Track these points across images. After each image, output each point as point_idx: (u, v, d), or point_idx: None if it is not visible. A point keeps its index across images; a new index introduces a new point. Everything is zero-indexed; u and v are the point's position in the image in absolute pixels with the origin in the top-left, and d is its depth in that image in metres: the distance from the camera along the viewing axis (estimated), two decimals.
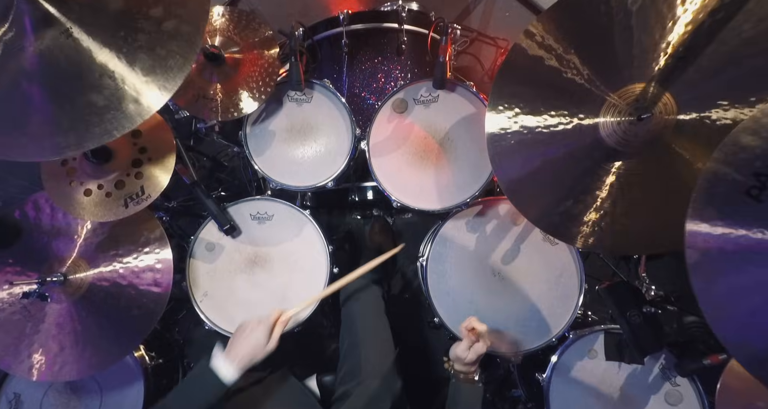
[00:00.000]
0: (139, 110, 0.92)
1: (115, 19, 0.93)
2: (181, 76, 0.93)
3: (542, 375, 1.29)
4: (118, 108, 0.92)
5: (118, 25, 0.93)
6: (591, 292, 1.32)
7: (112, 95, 0.92)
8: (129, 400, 1.37)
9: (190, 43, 0.94)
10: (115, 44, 0.92)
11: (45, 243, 1.26)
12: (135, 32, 0.93)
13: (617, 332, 1.26)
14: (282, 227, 1.37)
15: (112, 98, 0.92)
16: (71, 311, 1.21)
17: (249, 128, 1.39)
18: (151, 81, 0.93)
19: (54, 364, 1.19)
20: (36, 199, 1.28)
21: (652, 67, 0.96)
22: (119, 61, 0.92)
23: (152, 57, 0.93)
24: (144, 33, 0.94)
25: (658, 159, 0.99)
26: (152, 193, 1.18)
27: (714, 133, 0.93)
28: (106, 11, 0.93)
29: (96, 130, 0.92)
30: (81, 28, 0.92)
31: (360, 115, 1.50)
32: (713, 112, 0.94)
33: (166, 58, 0.93)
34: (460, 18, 2.11)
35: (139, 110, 0.92)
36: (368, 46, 1.54)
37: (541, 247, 1.31)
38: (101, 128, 0.92)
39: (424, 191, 1.32)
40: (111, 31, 0.93)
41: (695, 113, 0.95)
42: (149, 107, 0.92)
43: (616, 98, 1.00)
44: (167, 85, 0.93)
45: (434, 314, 1.33)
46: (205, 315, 1.32)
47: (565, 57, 1.00)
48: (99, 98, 0.92)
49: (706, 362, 1.13)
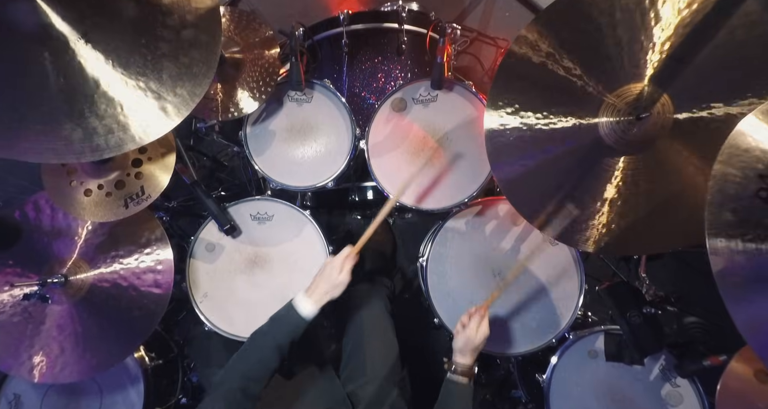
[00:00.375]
0: (171, 115, 0.96)
1: (133, 26, 0.95)
2: (206, 84, 0.97)
3: (542, 376, 1.29)
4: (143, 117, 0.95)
5: (137, 32, 0.95)
6: (591, 292, 1.32)
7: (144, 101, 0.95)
8: (129, 401, 1.37)
9: (210, 52, 0.98)
10: (138, 52, 0.95)
11: (45, 244, 1.26)
12: (156, 40, 0.96)
13: (617, 333, 1.26)
14: (282, 227, 1.37)
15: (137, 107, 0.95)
16: (72, 312, 1.21)
17: (249, 128, 1.39)
18: (180, 87, 0.96)
19: (55, 365, 1.19)
20: (36, 200, 1.28)
21: (644, 67, 0.97)
22: (145, 68, 0.95)
23: (177, 65, 0.96)
24: (165, 41, 0.96)
25: (658, 158, 1.00)
26: (152, 194, 1.18)
27: (712, 132, 0.93)
28: (121, 19, 0.95)
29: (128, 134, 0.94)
30: (97, 34, 0.92)
31: (360, 115, 1.50)
32: (710, 111, 0.94)
33: (191, 66, 0.96)
34: (460, 18, 2.10)
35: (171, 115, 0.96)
36: (368, 46, 1.54)
37: (541, 247, 1.31)
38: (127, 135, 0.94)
39: (422, 191, 1.32)
40: (131, 37, 0.95)
41: (692, 112, 0.96)
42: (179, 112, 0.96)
43: (613, 98, 1.00)
44: (196, 91, 0.96)
45: (434, 314, 1.33)
46: (205, 316, 1.32)
47: (560, 60, 1.01)
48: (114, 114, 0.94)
49: (706, 363, 1.13)
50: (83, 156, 0.92)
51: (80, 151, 0.92)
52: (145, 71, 0.95)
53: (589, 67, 1.00)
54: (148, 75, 0.95)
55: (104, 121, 0.93)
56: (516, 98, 1.05)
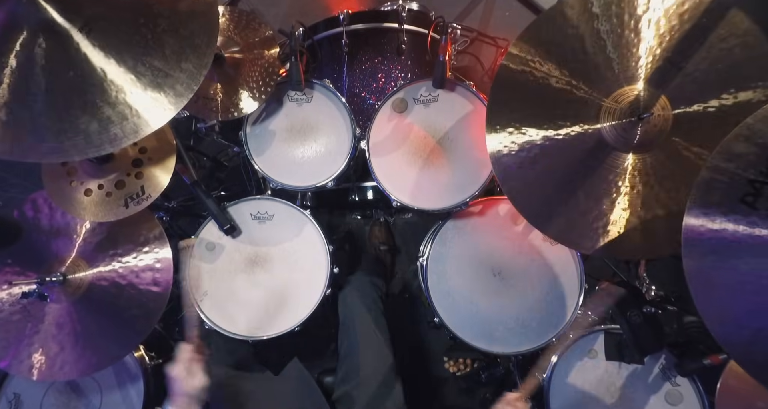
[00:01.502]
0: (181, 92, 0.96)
1: (130, 8, 0.95)
2: (210, 54, 0.97)
3: (542, 375, 1.29)
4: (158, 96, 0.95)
5: (135, 12, 0.95)
6: (591, 292, 1.32)
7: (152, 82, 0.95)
8: (129, 400, 1.37)
9: (208, 20, 0.97)
10: (138, 33, 0.95)
11: (44, 243, 1.26)
12: (154, 17, 0.95)
13: (617, 332, 1.25)
14: (282, 226, 1.37)
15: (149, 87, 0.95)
16: (71, 310, 1.21)
17: (249, 128, 1.39)
18: (185, 61, 0.96)
19: (54, 364, 1.19)
20: (34, 199, 1.28)
21: (635, 71, 0.99)
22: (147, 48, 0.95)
23: (178, 39, 0.96)
24: (163, 17, 0.96)
25: (662, 156, 1.00)
26: (152, 193, 1.18)
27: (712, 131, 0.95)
28: (118, 3, 0.95)
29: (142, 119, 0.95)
30: (97, 23, 0.93)
31: (360, 115, 1.50)
32: (709, 109, 0.96)
33: (192, 38, 0.96)
34: (460, 18, 2.11)
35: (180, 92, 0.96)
36: (368, 46, 1.54)
37: (541, 247, 1.31)
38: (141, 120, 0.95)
39: (423, 191, 1.32)
40: (129, 19, 0.95)
41: (689, 107, 0.98)
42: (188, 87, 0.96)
43: (611, 102, 1.01)
44: (202, 63, 0.96)
45: (434, 314, 1.33)
46: (205, 315, 1.32)
47: (552, 71, 1.03)
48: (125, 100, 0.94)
49: (706, 362, 1.13)
50: (103, 149, 0.93)
51: (99, 144, 0.93)
52: (149, 51, 0.95)
53: (581, 75, 1.02)
54: (151, 54, 0.95)
55: (117, 109, 0.93)
56: (515, 117, 1.06)
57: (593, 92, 1.02)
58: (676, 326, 1.51)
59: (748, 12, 0.91)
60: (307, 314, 1.30)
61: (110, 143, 0.93)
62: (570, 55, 1.01)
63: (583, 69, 1.01)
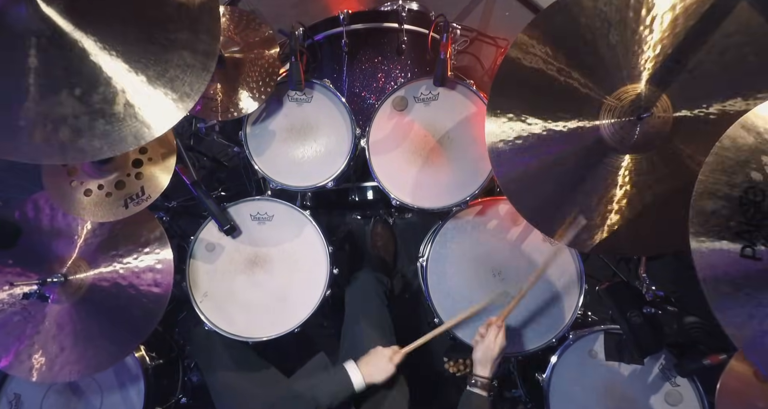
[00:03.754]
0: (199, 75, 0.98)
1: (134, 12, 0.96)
2: (216, 44, 0.98)
3: (542, 375, 1.29)
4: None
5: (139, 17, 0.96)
6: (591, 292, 1.32)
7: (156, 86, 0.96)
8: (129, 400, 1.37)
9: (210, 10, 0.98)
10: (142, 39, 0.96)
11: (45, 244, 1.26)
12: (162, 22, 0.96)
13: (617, 333, 1.26)
14: (282, 227, 1.37)
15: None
16: (71, 311, 1.21)
17: (249, 128, 1.39)
18: (197, 50, 0.97)
19: (54, 364, 1.19)
20: (36, 200, 1.28)
21: (639, 69, 0.98)
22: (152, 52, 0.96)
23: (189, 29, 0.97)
24: (171, 21, 0.96)
25: (660, 159, 1.00)
26: (152, 194, 1.18)
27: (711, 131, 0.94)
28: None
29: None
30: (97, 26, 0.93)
31: (360, 115, 1.50)
32: (708, 109, 0.96)
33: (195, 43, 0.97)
34: (460, 18, 2.10)
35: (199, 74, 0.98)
36: (368, 45, 1.54)
37: (541, 247, 1.31)
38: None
39: (423, 190, 1.32)
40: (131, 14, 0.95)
41: (690, 110, 0.97)
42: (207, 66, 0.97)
43: (613, 100, 1.00)
44: (210, 50, 0.97)
45: (434, 314, 1.33)
46: (205, 316, 1.32)
47: (557, 64, 1.02)
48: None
49: (705, 363, 1.13)
50: (103, 153, 0.94)
51: (101, 148, 0.94)
52: (153, 54, 0.96)
53: (586, 70, 1.01)
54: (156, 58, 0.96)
55: (121, 113, 0.94)
56: (516, 104, 1.05)
57: (596, 88, 1.01)
58: (676, 326, 1.51)
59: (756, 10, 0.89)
60: (307, 314, 1.30)
61: (110, 148, 0.94)
62: (578, 47, 1.00)
63: (588, 63, 1.01)
